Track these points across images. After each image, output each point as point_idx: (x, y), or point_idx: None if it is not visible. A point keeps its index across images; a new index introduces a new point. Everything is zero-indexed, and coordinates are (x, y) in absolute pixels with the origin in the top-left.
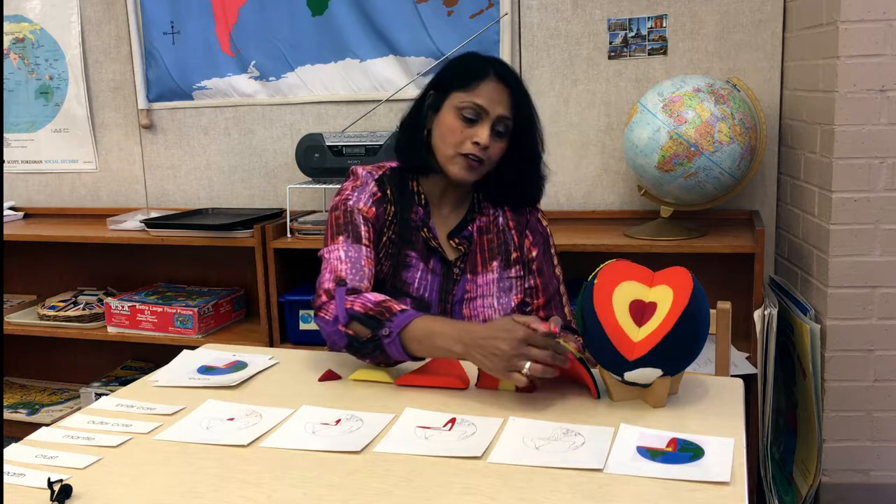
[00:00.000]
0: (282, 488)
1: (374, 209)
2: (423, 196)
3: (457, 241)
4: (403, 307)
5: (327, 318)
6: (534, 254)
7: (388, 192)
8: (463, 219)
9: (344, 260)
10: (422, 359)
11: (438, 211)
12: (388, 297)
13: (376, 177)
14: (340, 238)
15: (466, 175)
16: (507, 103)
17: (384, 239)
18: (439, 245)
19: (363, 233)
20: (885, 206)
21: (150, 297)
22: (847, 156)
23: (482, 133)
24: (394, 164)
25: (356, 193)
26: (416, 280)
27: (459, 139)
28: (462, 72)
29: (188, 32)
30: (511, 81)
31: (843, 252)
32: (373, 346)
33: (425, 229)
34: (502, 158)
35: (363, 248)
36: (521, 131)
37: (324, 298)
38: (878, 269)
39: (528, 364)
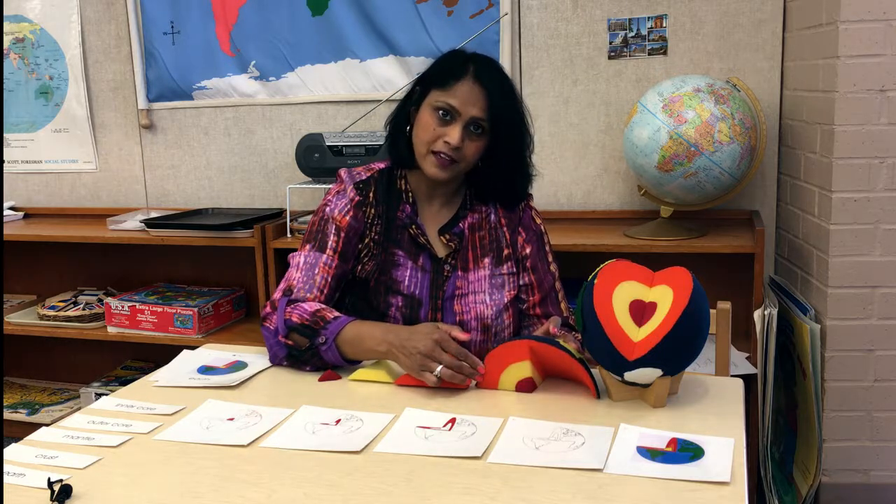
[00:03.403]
0: (282, 488)
1: (348, 217)
2: (410, 194)
3: (447, 237)
4: (336, 314)
5: (270, 328)
6: (528, 251)
7: (371, 194)
8: (454, 215)
9: (301, 267)
10: (356, 362)
11: (428, 207)
12: (323, 306)
13: (359, 179)
14: (307, 246)
15: (438, 172)
16: (483, 105)
17: (366, 240)
18: (428, 241)
19: (330, 242)
20: (885, 206)
21: (150, 297)
22: (847, 156)
23: (453, 133)
24: (383, 165)
25: (335, 199)
26: (407, 278)
27: (432, 137)
28: (442, 70)
29: (188, 32)
30: (488, 83)
31: (843, 252)
32: (311, 354)
33: (413, 226)
34: (487, 155)
35: (324, 256)
36: (500, 131)
37: (268, 310)
38: (878, 269)
39: (440, 367)
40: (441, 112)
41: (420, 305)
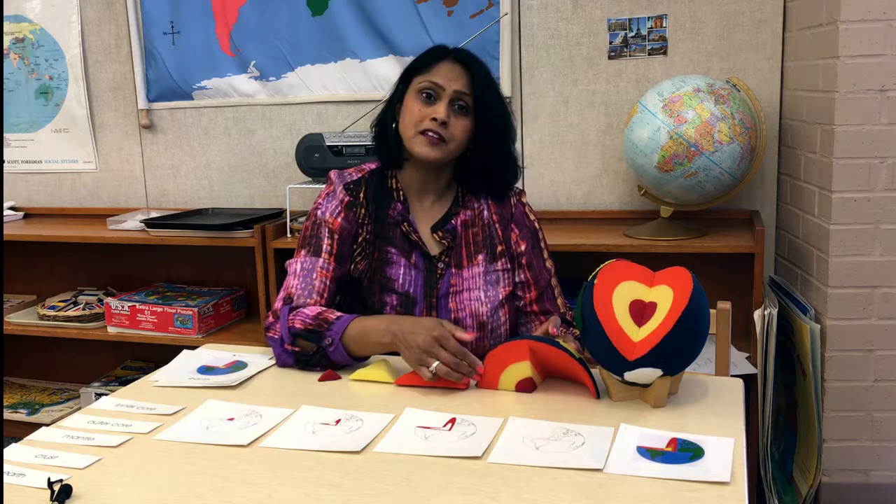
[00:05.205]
0: (282, 488)
1: (340, 218)
2: (401, 192)
3: (440, 234)
4: (339, 314)
5: (275, 337)
6: (522, 247)
7: (361, 194)
8: (447, 212)
9: (298, 274)
10: (364, 359)
11: (420, 204)
12: (324, 309)
13: (349, 180)
14: (302, 252)
15: (429, 151)
16: (465, 81)
17: (360, 240)
18: (420, 239)
19: (324, 245)
20: (885, 206)
21: (150, 297)
22: (847, 156)
23: (440, 109)
24: (374, 166)
25: (325, 202)
26: (401, 276)
27: (419, 118)
28: (422, 59)
29: (188, 32)
30: (469, 62)
31: (843, 252)
32: (318, 357)
33: (405, 223)
34: (473, 143)
35: (320, 260)
36: (484, 109)
37: (271, 319)
38: (878, 269)
39: (435, 363)
40: (425, 94)
41: (415, 304)
